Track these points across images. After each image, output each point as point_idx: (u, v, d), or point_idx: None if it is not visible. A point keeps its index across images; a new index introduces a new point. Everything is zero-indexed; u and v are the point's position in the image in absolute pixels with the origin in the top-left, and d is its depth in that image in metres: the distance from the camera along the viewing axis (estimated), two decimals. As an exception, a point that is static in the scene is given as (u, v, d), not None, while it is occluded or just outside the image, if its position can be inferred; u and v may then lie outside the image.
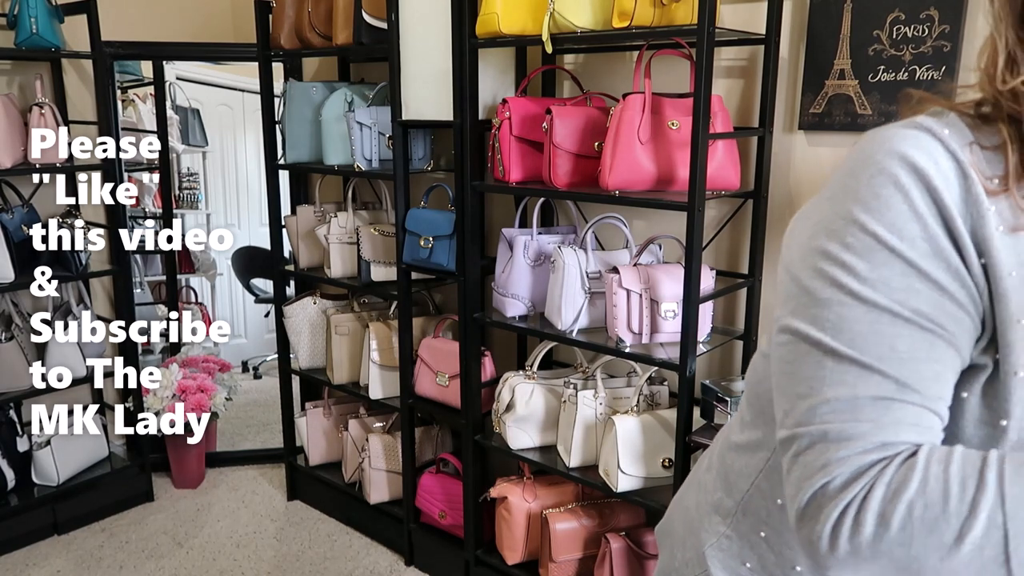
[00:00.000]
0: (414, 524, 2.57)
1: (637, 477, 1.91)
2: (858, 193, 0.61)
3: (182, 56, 3.28)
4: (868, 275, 0.60)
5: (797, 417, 0.62)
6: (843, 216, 0.61)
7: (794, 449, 0.61)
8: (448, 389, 2.36)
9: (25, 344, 2.66)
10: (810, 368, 0.61)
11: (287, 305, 2.80)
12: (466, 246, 2.18)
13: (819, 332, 0.61)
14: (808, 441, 0.60)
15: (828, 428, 0.59)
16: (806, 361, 0.62)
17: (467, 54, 2.03)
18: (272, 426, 3.35)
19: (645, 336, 1.87)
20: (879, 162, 0.61)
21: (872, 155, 0.62)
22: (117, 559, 2.64)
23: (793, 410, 0.62)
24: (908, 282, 0.59)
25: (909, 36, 1.69)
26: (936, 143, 0.60)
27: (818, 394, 0.60)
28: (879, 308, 0.59)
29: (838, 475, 0.58)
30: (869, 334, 0.59)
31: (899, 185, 0.59)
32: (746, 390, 0.87)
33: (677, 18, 1.72)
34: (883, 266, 0.59)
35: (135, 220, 3.40)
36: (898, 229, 0.59)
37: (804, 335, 0.62)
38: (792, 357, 0.63)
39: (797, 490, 0.61)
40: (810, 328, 0.62)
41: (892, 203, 0.59)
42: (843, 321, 0.60)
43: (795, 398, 0.62)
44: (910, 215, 0.59)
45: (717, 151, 1.79)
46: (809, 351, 0.62)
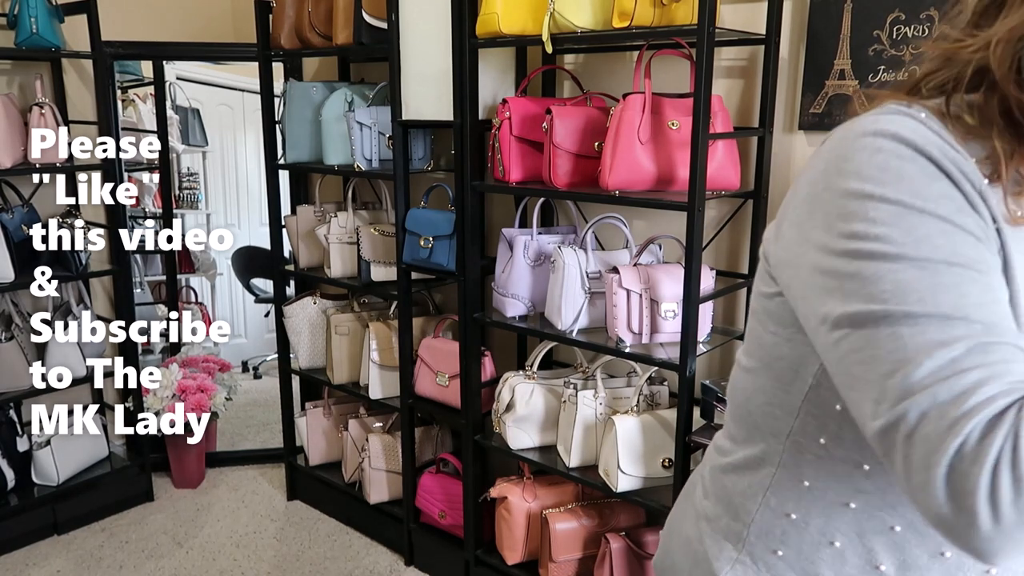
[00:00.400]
0: (414, 524, 2.57)
1: (637, 477, 1.91)
2: (862, 173, 0.60)
3: (182, 56, 3.28)
4: (906, 239, 0.57)
5: (892, 398, 0.55)
6: (855, 196, 0.60)
7: (903, 431, 0.54)
8: (448, 389, 2.36)
9: (25, 344, 2.66)
10: (887, 344, 0.56)
11: (287, 305, 2.80)
12: (466, 246, 2.18)
13: (882, 305, 0.56)
14: (918, 414, 0.53)
15: (936, 390, 0.53)
16: (878, 339, 0.56)
17: (467, 54, 2.03)
18: (272, 426, 3.35)
19: (645, 336, 1.87)
20: (873, 143, 0.60)
21: (860, 138, 0.61)
22: (117, 559, 2.64)
23: (885, 393, 0.55)
24: (948, 236, 0.57)
25: (909, 36, 1.69)
26: (917, 123, 0.61)
27: (908, 363, 0.54)
28: (933, 262, 0.56)
29: (971, 430, 0.51)
30: (934, 288, 0.56)
31: (903, 157, 0.59)
32: (732, 409, 0.83)
33: (677, 18, 1.72)
34: (919, 227, 0.57)
35: (135, 220, 3.40)
36: (919, 193, 0.58)
37: (866, 316, 0.57)
38: (860, 344, 0.58)
39: (927, 471, 0.52)
40: (870, 306, 0.57)
41: (903, 173, 0.59)
42: (903, 285, 0.56)
43: (882, 380, 0.56)
44: (925, 180, 0.58)
45: (717, 151, 1.79)
46: (877, 329, 0.57)
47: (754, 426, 0.78)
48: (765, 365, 0.76)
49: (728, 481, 0.82)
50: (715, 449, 0.88)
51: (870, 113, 0.64)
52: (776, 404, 0.75)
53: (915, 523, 0.69)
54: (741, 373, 0.81)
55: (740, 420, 0.81)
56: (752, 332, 0.78)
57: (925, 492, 0.53)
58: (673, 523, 0.94)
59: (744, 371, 0.80)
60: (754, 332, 0.78)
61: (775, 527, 0.77)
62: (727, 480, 0.82)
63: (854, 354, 0.58)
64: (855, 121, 0.64)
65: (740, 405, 0.81)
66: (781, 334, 0.73)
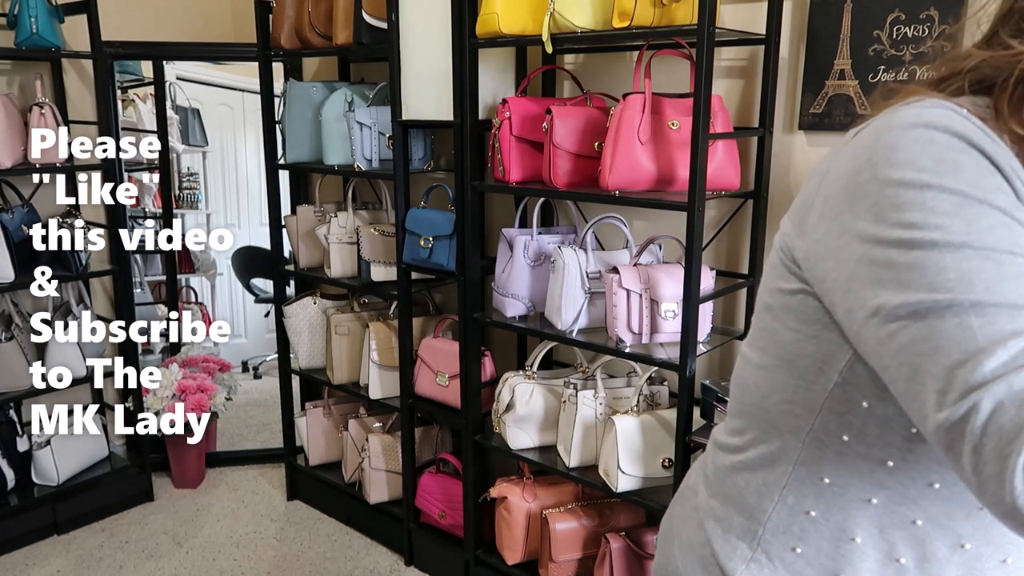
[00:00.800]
0: (414, 524, 2.57)
1: (637, 477, 1.91)
2: (916, 163, 0.58)
3: (182, 56, 3.28)
4: (969, 228, 0.56)
5: (962, 388, 0.53)
6: (910, 185, 0.58)
7: (976, 422, 0.52)
8: (448, 389, 2.36)
9: (25, 344, 2.66)
10: (955, 333, 0.54)
11: (287, 305, 2.80)
12: (466, 246, 2.18)
13: (947, 294, 0.55)
14: (992, 403, 0.51)
15: (1012, 380, 0.51)
16: (944, 329, 0.55)
17: (467, 54, 2.03)
18: (272, 426, 3.35)
19: (645, 336, 1.87)
20: (925, 135, 0.59)
21: (909, 130, 0.60)
22: (117, 559, 2.64)
23: (953, 384, 0.54)
24: (1008, 228, 0.56)
25: (909, 36, 1.69)
26: (963, 118, 0.60)
27: (980, 353, 0.53)
28: (998, 251, 0.55)
29: None
30: (1001, 277, 0.54)
31: (957, 149, 0.58)
32: (740, 407, 0.82)
33: (677, 18, 1.72)
34: (980, 218, 0.56)
35: (135, 220, 3.40)
36: (978, 184, 0.57)
37: (930, 305, 0.55)
38: (922, 335, 0.56)
39: (1002, 460, 0.51)
40: (933, 295, 0.55)
41: (960, 164, 0.58)
42: (968, 274, 0.55)
43: (950, 371, 0.54)
44: (980, 171, 0.58)
45: (717, 151, 1.79)
46: (942, 319, 0.55)
47: (770, 424, 0.77)
48: (785, 362, 0.74)
49: (740, 480, 0.81)
50: (719, 447, 0.86)
51: (911, 106, 0.62)
52: (796, 402, 0.73)
53: (936, 516, 0.69)
54: (752, 369, 0.79)
55: (752, 418, 0.80)
56: (766, 329, 0.77)
57: (998, 483, 0.51)
58: (673, 528, 0.92)
59: (757, 368, 0.79)
60: (769, 329, 0.76)
61: (793, 524, 0.76)
62: (738, 479, 0.81)
63: (915, 344, 0.57)
64: (894, 113, 0.63)
65: (752, 403, 0.79)
66: (804, 331, 0.71)
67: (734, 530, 0.80)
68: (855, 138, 0.65)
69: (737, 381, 0.83)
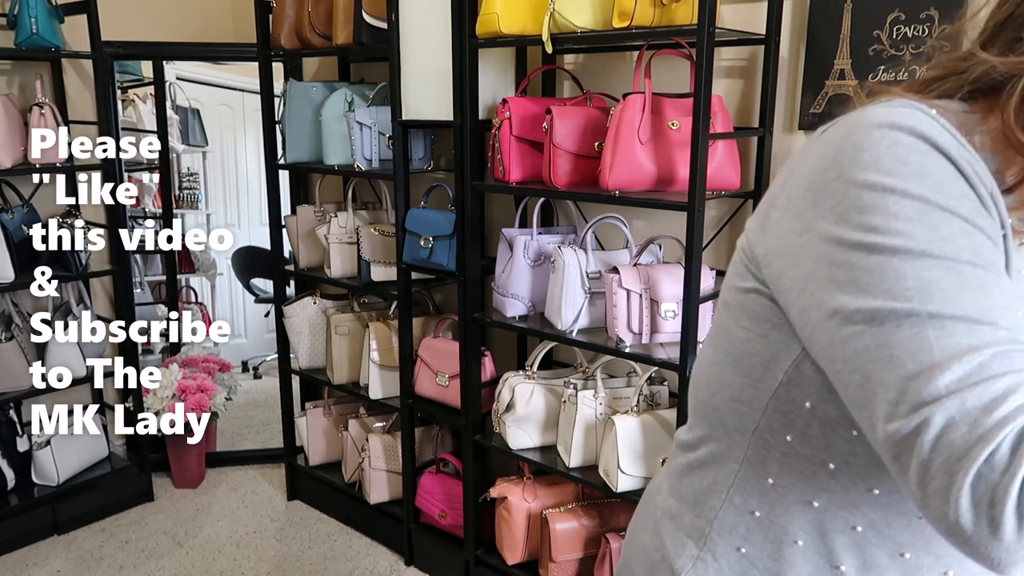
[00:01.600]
0: (414, 524, 2.57)
1: (637, 477, 1.91)
2: (881, 165, 0.57)
3: (182, 56, 3.28)
4: (930, 236, 0.55)
5: (914, 400, 0.52)
6: (873, 188, 0.57)
7: (926, 436, 0.51)
8: (448, 389, 2.36)
9: (25, 344, 2.66)
10: (910, 344, 0.53)
11: (287, 305, 2.80)
12: (466, 246, 2.18)
13: (904, 303, 0.54)
14: (944, 418, 0.51)
15: (965, 396, 0.51)
16: (900, 339, 0.54)
17: (467, 54, 2.03)
18: (272, 426, 3.35)
19: (645, 336, 1.87)
20: (890, 136, 0.58)
21: (875, 130, 0.59)
22: (117, 559, 2.64)
23: (905, 396, 0.53)
24: (970, 236, 0.56)
25: (909, 36, 1.69)
26: (931, 120, 0.59)
27: (935, 367, 0.52)
28: (958, 262, 0.54)
29: (1002, 440, 0.49)
30: (960, 289, 0.54)
31: (922, 152, 0.57)
32: (695, 404, 0.81)
33: (677, 18, 1.72)
34: (942, 225, 0.55)
35: (135, 220, 3.40)
36: (942, 190, 0.56)
37: (887, 313, 0.55)
38: (877, 342, 0.55)
39: (949, 477, 0.50)
40: (891, 303, 0.55)
41: (925, 167, 0.57)
42: (927, 283, 0.54)
43: (903, 382, 0.53)
44: (945, 177, 0.57)
45: (717, 151, 1.79)
46: (898, 328, 0.54)
47: (719, 422, 0.77)
48: (734, 360, 0.74)
49: (693, 478, 0.80)
50: (678, 445, 0.86)
51: (879, 105, 0.61)
52: (743, 400, 0.73)
53: (876, 523, 0.69)
54: (706, 367, 0.79)
55: (704, 415, 0.79)
56: (721, 326, 0.77)
57: (942, 499, 0.51)
58: (633, 534, 0.91)
59: (710, 365, 0.78)
60: (724, 326, 0.76)
61: (739, 524, 0.75)
62: (692, 477, 0.81)
63: (869, 351, 0.56)
64: (863, 112, 0.61)
65: (704, 400, 0.79)
66: (755, 330, 0.71)
67: (684, 528, 0.80)
68: (823, 135, 0.65)
69: (693, 379, 0.83)
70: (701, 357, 0.82)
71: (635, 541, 0.89)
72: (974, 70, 0.64)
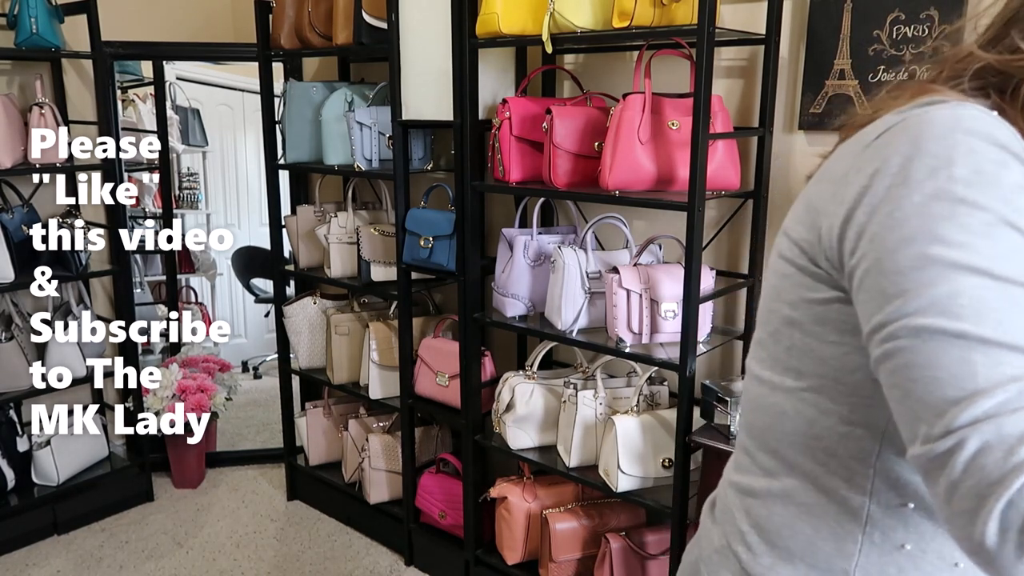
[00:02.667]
0: (414, 524, 2.57)
1: (637, 477, 1.91)
2: (954, 174, 0.55)
3: (182, 56, 3.28)
4: (993, 253, 0.54)
5: (951, 423, 0.52)
6: (944, 198, 0.55)
7: (960, 458, 0.51)
8: (448, 389, 2.36)
9: (25, 344, 2.66)
10: (956, 367, 0.52)
11: (287, 305, 2.80)
12: (466, 246, 2.18)
13: (956, 323, 0.53)
14: (979, 442, 0.50)
15: (1002, 423, 0.50)
16: (945, 360, 0.53)
17: (467, 54, 2.03)
18: (272, 426, 3.35)
19: (645, 336, 1.87)
20: (966, 142, 0.56)
21: (950, 134, 0.57)
22: (117, 559, 2.64)
23: (943, 418, 0.52)
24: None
25: (909, 36, 1.69)
26: (998, 122, 0.58)
27: (978, 394, 0.51)
28: (1015, 284, 0.53)
29: None
30: (1012, 313, 0.52)
31: (997, 162, 0.56)
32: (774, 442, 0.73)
33: (677, 18, 1.72)
34: (1006, 241, 0.54)
35: (135, 220, 3.40)
36: (1011, 202, 0.55)
37: (937, 330, 0.53)
38: (922, 361, 0.54)
39: (978, 500, 0.50)
40: (942, 321, 0.53)
41: (999, 178, 0.55)
42: (981, 305, 0.53)
43: (944, 404, 0.53)
44: (1016, 188, 0.55)
45: (717, 151, 1.79)
46: (946, 347, 0.53)
47: (826, 454, 0.68)
48: (833, 380, 0.67)
49: (804, 527, 0.71)
50: (753, 495, 0.75)
51: (941, 108, 0.59)
52: (856, 423, 0.66)
53: None
54: (785, 396, 0.71)
55: (798, 451, 0.70)
56: (796, 347, 0.69)
57: (969, 520, 0.52)
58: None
59: (792, 393, 0.70)
60: (803, 346, 0.69)
61: (888, 565, 0.68)
62: (800, 526, 0.71)
63: (910, 369, 0.55)
64: (926, 115, 0.59)
65: (796, 433, 0.70)
66: (850, 343, 0.65)
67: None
68: (879, 140, 0.61)
69: (764, 411, 0.74)
70: (767, 387, 0.73)
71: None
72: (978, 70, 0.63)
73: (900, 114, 0.62)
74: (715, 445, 1.75)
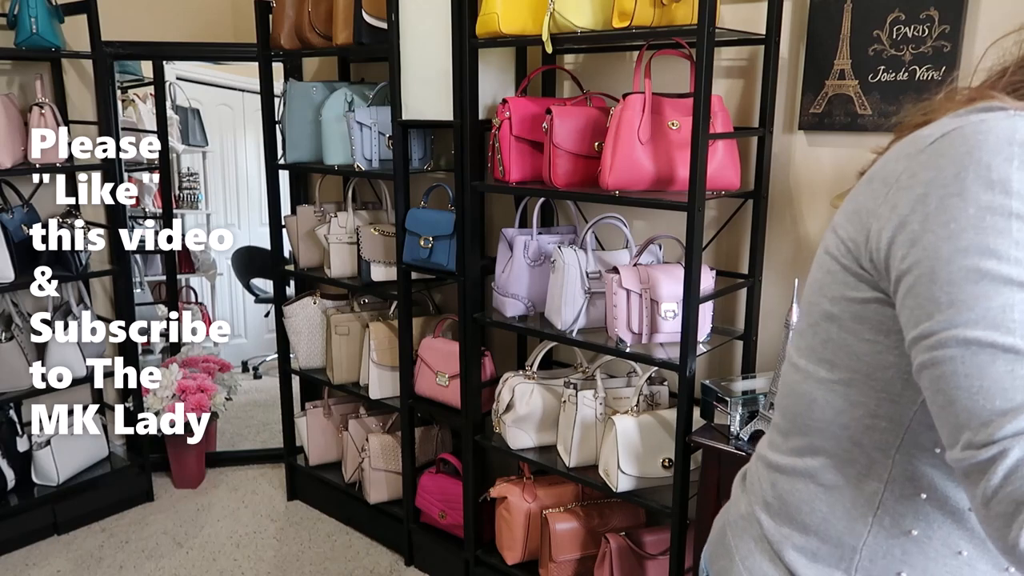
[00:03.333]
0: (414, 524, 2.57)
1: (637, 477, 1.91)
2: (1010, 188, 0.56)
3: (182, 56, 3.28)
4: None
5: (996, 434, 0.54)
6: (998, 211, 0.56)
7: (1001, 465, 0.53)
8: (448, 389, 2.36)
9: (25, 344, 2.66)
10: (1002, 379, 0.54)
11: (287, 305, 2.80)
12: (466, 246, 2.18)
13: (1006, 336, 0.54)
14: (1022, 452, 0.53)
15: None
16: (992, 372, 0.55)
17: (467, 54, 2.03)
18: (272, 426, 3.35)
19: (645, 336, 1.87)
20: (1019, 153, 0.56)
21: (1005, 147, 0.57)
22: (117, 559, 2.64)
23: (987, 428, 0.54)
24: None
25: (909, 36, 1.69)
26: None
27: (1023, 404, 0.53)
28: None
29: None
30: None
31: None
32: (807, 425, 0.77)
33: (677, 18, 1.72)
34: None
35: (135, 220, 3.40)
36: None
37: (987, 343, 0.55)
38: (970, 371, 0.56)
39: (1015, 508, 0.53)
40: (993, 334, 0.55)
41: None
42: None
43: (988, 415, 0.55)
44: None
45: (717, 151, 1.79)
46: (993, 361, 0.55)
47: (851, 441, 0.72)
48: (863, 375, 0.70)
49: (821, 504, 0.76)
50: (781, 471, 0.81)
51: (999, 116, 0.59)
52: (882, 416, 0.70)
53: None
54: (818, 385, 0.74)
55: (827, 436, 0.74)
56: (833, 341, 0.72)
57: (1004, 523, 0.54)
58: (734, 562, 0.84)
59: (824, 383, 0.74)
60: (837, 340, 0.72)
61: (894, 547, 0.72)
62: (818, 504, 0.76)
63: (957, 378, 0.56)
64: (982, 123, 0.59)
65: (826, 420, 0.74)
66: (884, 342, 0.68)
67: (823, 558, 0.76)
68: (932, 146, 0.62)
69: (798, 397, 0.77)
70: (803, 374, 0.77)
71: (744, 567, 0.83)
72: None
73: (957, 118, 0.62)
74: (715, 445, 1.75)
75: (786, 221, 1.95)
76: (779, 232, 1.96)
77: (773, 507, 0.80)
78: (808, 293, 0.77)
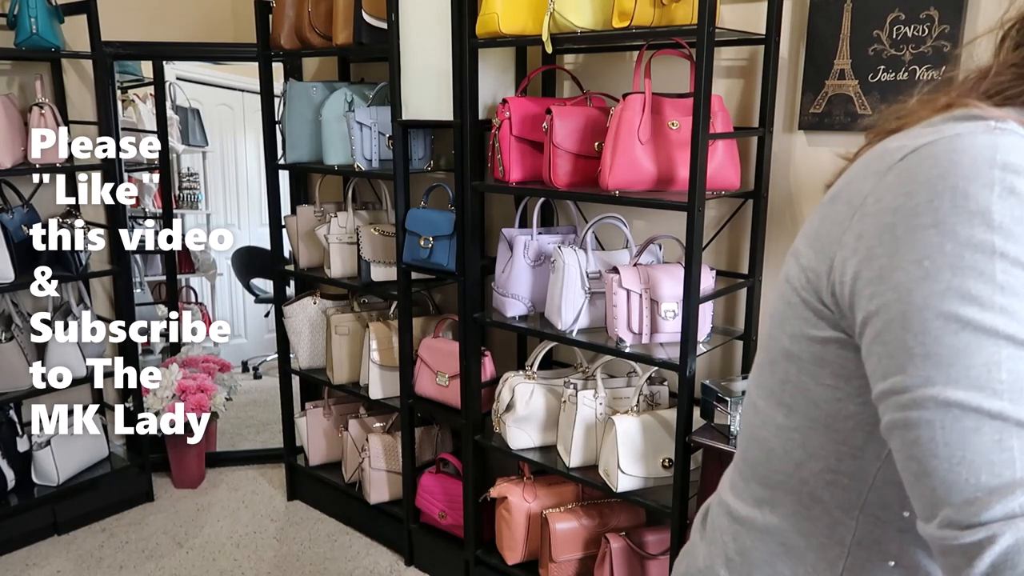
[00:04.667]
0: (414, 524, 2.57)
1: (637, 477, 1.91)
2: (991, 220, 0.48)
3: (182, 56, 3.28)
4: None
5: (982, 513, 0.47)
6: (978, 248, 0.49)
7: (990, 553, 0.47)
8: (448, 389, 2.36)
9: (25, 344, 2.66)
10: (988, 451, 0.47)
11: (287, 305, 2.80)
12: (466, 246, 2.18)
13: (992, 400, 0.47)
14: (1013, 539, 0.46)
15: None
16: (977, 442, 0.48)
17: (467, 54, 2.03)
18: (272, 426, 3.35)
19: (645, 336, 1.87)
20: (1003, 180, 0.49)
21: (985, 170, 0.50)
22: (117, 559, 2.64)
23: (972, 506, 0.48)
24: None
25: (909, 36, 1.69)
26: None
27: (1014, 484, 0.46)
28: None
29: None
30: None
31: None
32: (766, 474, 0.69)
33: (677, 18, 1.72)
34: None
35: (135, 220, 3.40)
36: None
37: (971, 407, 0.48)
38: (948, 439, 0.48)
39: None
40: (977, 396, 0.48)
41: None
42: (1023, 381, 0.47)
43: (973, 491, 0.48)
44: None
45: (717, 151, 1.79)
46: (979, 427, 0.47)
47: (811, 498, 0.65)
48: (823, 425, 0.63)
49: (782, 566, 0.69)
50: (741, 524, 0.73)
51: (977, 131, 0.52)
52: (842, 472, 0.62)
53: None
54: (776, 431, 0.67)
55: (787, 489, 0.67)
56: (790, 382, 0.65)
57: None
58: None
59: (783, 429, 0.66)
60: (795, 383, 0.64)
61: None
62: (779, 565, 0.69)
63: (935, 446, 0.49)
64: (962, 139, 0.52)
65: (784, 472, 0.67)
66: (844, 389, 0.60)
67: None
68: (902, 162, 0.54)
69: (757, 442, 0.70)
70: (762, 416, 0.69)
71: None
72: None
73: (930, 128, 0.55)
74: (715, 445, 1.75)
75: (786, 221, 1.95)
76: (779, 232, 1.96)
77: (735, 564, 0.73)
78: (768, 325, 0.68)
